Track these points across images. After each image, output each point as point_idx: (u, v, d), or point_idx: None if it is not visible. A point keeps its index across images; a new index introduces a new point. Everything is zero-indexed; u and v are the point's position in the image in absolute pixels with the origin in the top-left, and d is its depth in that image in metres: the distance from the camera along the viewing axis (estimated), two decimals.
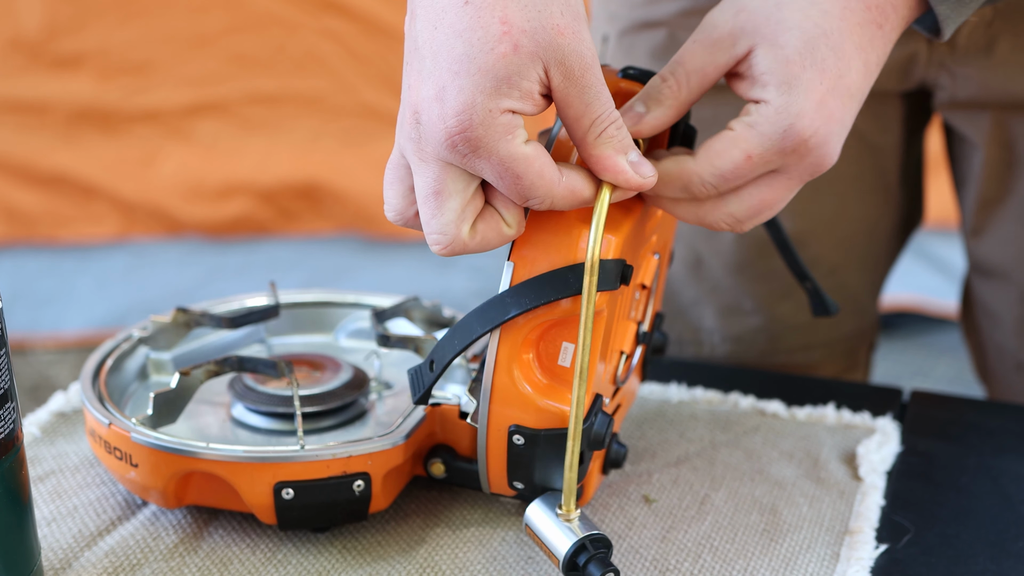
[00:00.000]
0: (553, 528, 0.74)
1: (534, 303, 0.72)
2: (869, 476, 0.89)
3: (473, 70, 0.65)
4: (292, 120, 2.41)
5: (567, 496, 0.74)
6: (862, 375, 1.23)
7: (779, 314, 1.13)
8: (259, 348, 0.98)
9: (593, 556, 0.73)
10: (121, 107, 2.38)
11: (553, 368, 0.75)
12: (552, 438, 0.75)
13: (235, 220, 2.43)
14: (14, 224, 2.42)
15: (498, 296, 0.73)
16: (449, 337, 0.75)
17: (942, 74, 1.02)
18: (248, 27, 2.36)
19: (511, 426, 0.75)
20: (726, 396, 0.99)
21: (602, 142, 0.69)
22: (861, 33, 0.73)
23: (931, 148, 1.19)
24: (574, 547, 0.73)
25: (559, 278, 0.72)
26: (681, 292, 1.14)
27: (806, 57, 0.71)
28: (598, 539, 0.73)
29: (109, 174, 2.40)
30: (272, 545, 0.81)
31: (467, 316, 0.74)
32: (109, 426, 0.80)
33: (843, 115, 0.73)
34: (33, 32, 2.33)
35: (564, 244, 0.72)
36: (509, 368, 0.74)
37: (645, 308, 0.85)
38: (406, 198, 0.72)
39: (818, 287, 0.93)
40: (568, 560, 0.73)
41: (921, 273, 2.41)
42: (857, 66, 0.73)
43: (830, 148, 0.73)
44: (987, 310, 1.14)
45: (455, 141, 0.66)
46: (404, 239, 2.44)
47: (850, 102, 0.73)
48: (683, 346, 1.16)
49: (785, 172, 0.73)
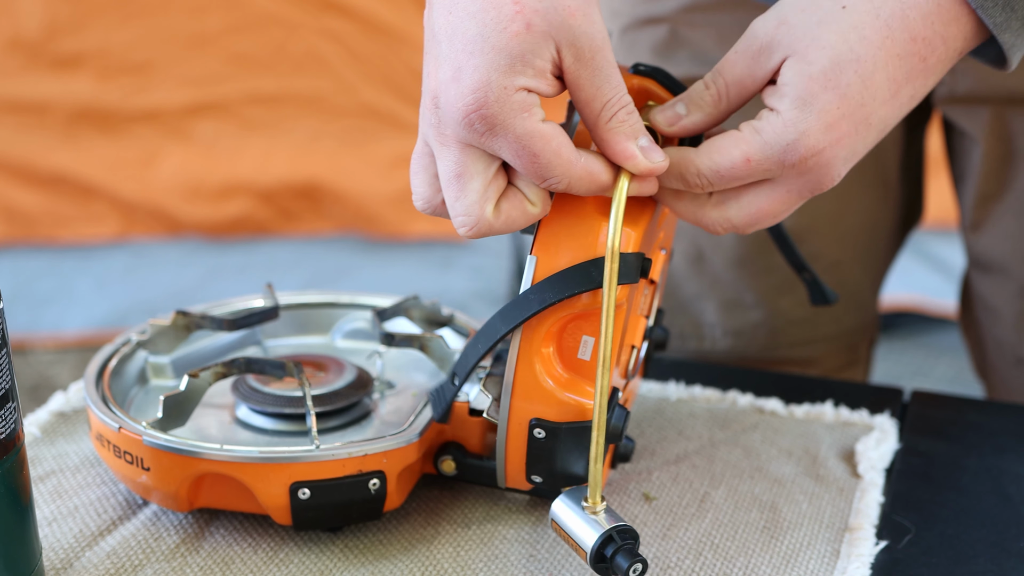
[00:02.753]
0: (579, 522, 0.75)
1: (557, 298, 0.73)
2: (868, 473, 0.89)
3: (487, 49, 0.67)
4: (292, 120, 2.41)
5: (592, 489, 0.74)
6: (863, 370, 1.23)
7: (780, 308, 1.13)
8: (255, 350, 0.97)
9: (620, 547, 0.73)
10: (121, 107, 2.38)
11: (573, 361, 0.76)
12: (573, 431, 0.76)
13: (235, 220, 2.43)
14: (14, 224, 2.42)
15: (521, 294, 0.74)
16: (472, 343, 0.76)
17: None
18: (248, 27, 2.36)
19: (532, 420, 0.76)
20: (725, 394, 0.99)
21: (613, 126, 0.70)
22: (898, 65, 0.71)
23: (930, 148, 1.20)
24: (601, 539, 0.73)
25: (581, 272, 0.73)
26: (682, 286, 1.15)
27: (830, 79, 0.70)
28: (624, 530, 0.74)
29: (109, 174, 2.40)
30: (274, 544, 0.81)
31: (491, 319, 0.75)
32: (119, 430, 0.80)
33: (854, 142, 0.72)
34: (33, 32, 2.33)
35: (586, 237, 0.73)
36: (530, 362, 0.75)
37: (651, 303, 0.86)
38: (432, 185, 0.74)
39: (816, 277, 0.93)
40: (596, 552, 0.73)
41: (921, 273, 2.41)
42: (885, 98, 0.72)
43: (831, 171, 0.72)
44: (986, 305, 1.14)
45: (472, 119, 0.68)
46: (404, 239, 2.44)
47: (867, 131, 0.72)
48: (685, 340, 1.16)
49: (783, 184, 0.73)
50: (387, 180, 2.41)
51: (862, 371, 1.23)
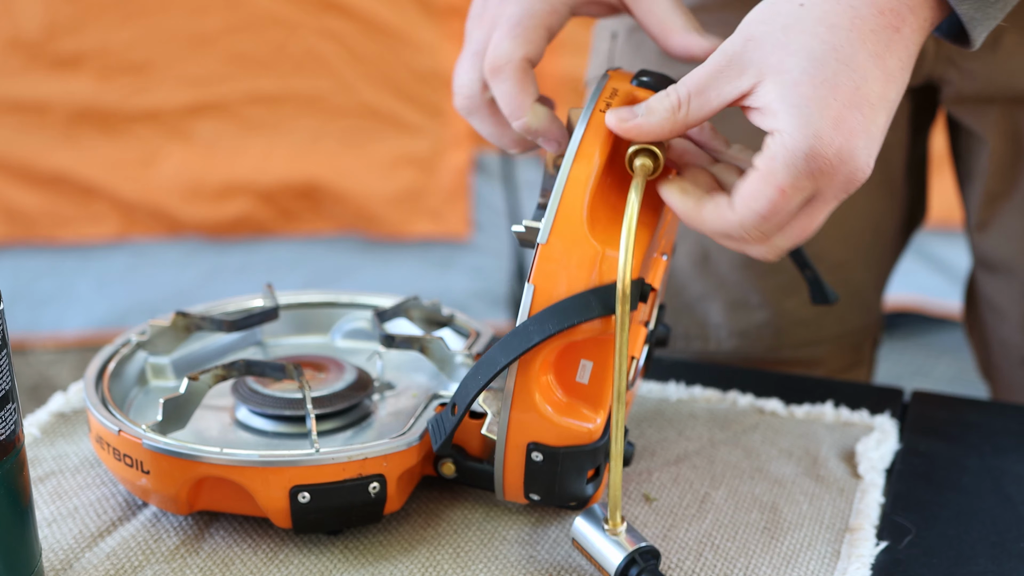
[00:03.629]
0: (603, 542, 0.75)
1: (557, 328, 0.72)
2: (868, 474, 0.89)
3: None
4: (292, 120, 2.41)
5: (612, 511, 0.75)
6: (866, 371, 1.23)
7: (786, 309, 1.13)
8: (255, 350, 0.97)
9: (644, 569, 0.74)
10: (121, 107, 2.38)
11: (572, 385, 0.76)
12: (572, 455, 0.76)
13: (235, 220, 2.43)
14: (14, 224, 2.42)
15: (521, 326, 0.73)
16: (472, 374, 0.76)
17: (949, 69, 1.02)
18: (248, 27, 2.36)
19: (530, 444, 0.76)
20: (725, 394, 0.99)
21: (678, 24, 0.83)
22: (876, 40, 0.71)
23: (932, 148, 1.19)
24: (625, 561, 0.74)
25: (581, 302, 0.72)
26: (688, 287, 1.15)
27: (815, 76, 0.70)
28: (647, 551, 0.75)
29: (109, 174, 2.40)
30: (274, 545, 0.81)
31: (491, 350, 0.75)
32: (119, 433, 0.80)
33: (868, 126, 0.71)
34: (33, 32, 2.33)
35: (584, 266, 0.73)
36: (529, 388, 0.75)
37: (651, 309, 0.86)
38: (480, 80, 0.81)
39: (818, 276, 0.93)
40: (620, 573, 0.74)
41: (922, 273, 2.41)
42: (876, 74, 0.71)
43: (860, 162, 0.71)
44: (992, 305, 1.14)
45: None
46: (404, 239, 2.44)
47: (873, 112, 0.71)
48: (690, 341, 1.16)
49: (821, 196, 0.72)
50: (387, 180, 2.41)
51: (866, 371, 1.23)
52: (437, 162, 2.40)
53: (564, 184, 0.74)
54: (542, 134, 0.82)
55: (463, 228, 2.44)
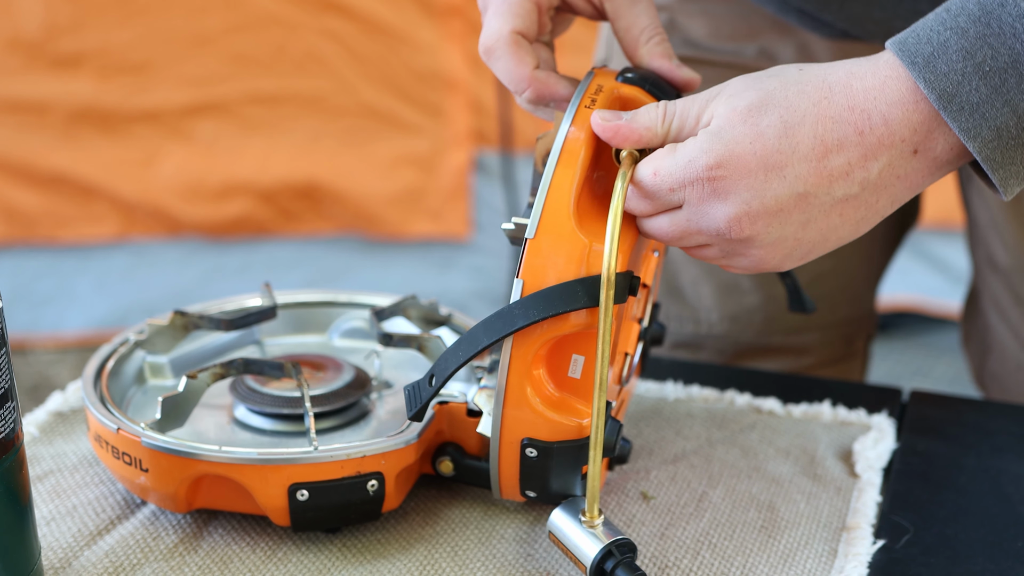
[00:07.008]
0: (579, 535, 0.75)
1: (542, 315, 0.72)
2: (865, 473, 0.89)
3: None
4: (292, 120, 2.41)
5: (590, 503, 0.74)
6: (860, 365, 1.24)
7: (776, 293, 1.14)
8: (253, 349, 0.98)
9: (620, 561, 0.74)
10: (121, 107, 2.38)
11: (564, 380, 0.76)
12: (565, 450, 0.76)
13: (235, 220, 2.43)
14: (14, 224, 2.42)
15: (506, 307, 0.73)
16: (453, 350, 0.76)
17: None
18: (248, 27, 2.36)
19: (524, 439, 0.76)
20: (722, 394, 0.99)
21: (650, 48, 0.82)
22: (830, 128, 0.70)
23: None
24: (601, 553, 0.74)
25: (568, 291, 0.72)
26: (680, 271, 1.15)
27: (751, 115, 0.70)
28: (623, 544, 0.74)
29: (109, 174, 2.40)
30: (272, 543, 0.81)
31: (474, 328, 0.75)
32: (118, 431, 0.80)
33: (759, 184, 0.70)
34: (33, 32, 2.33)
35: (572, 258, 0.73)
36: (521, 383, 0.75)
37: (645, 305, 0.86)
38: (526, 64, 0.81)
39: (797, 284, 0.93)
40: (596, 566, 0.74)
41: (921, 273, 2.41)
42: (805, 153, 0.70)
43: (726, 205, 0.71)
44: (992, 308, 1.14)
45: None
46: (404, 239, 2.45)
47: (776, 180, 0.70)
48: (682, 323, 1.17)
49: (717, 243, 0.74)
50: (387, 180, 2.41)
51: (859, 366, 1.24)
52: (437, 162, 2.40)
53: (550, 179, 0.74)
54: (549, 98, 0.82)
55: (463, 228, 2.44)
